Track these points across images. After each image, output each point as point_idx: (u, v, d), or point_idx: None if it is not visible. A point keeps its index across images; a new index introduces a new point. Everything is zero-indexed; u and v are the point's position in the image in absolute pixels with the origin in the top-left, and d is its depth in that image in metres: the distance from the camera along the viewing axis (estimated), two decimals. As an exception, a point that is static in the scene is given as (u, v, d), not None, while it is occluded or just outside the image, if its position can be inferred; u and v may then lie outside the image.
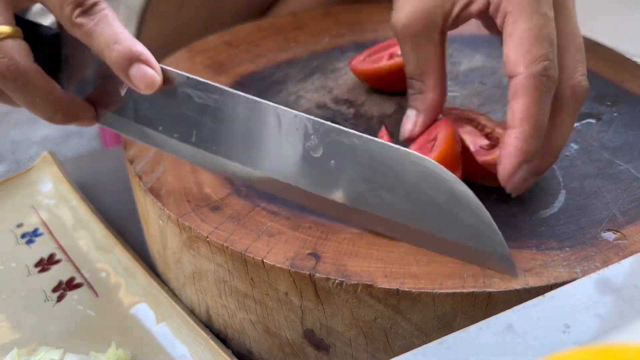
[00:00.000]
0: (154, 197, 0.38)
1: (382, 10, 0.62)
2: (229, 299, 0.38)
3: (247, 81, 0.51)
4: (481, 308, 0.32)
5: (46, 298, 0.44)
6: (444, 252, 0.33)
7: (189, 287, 0.41)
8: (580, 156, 0.42)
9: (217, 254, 0.36)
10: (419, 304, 0.32)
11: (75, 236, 0.49)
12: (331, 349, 0.36)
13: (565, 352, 0.22)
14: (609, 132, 0.44)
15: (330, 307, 0.34)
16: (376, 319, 0.33)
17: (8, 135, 1.49)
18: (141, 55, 0.35)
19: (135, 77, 0.35)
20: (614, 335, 0.24)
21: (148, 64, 0.35)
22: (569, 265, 0.33)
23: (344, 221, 0.35)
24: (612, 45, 0.55)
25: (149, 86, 0.35)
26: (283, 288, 0.34)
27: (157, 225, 0.40)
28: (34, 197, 0.53)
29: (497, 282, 0.32)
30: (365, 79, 0.49)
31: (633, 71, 0.51)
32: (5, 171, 1.35)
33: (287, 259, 0.34)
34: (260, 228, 0.36)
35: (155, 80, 0.35)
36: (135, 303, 0.43)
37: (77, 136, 1.48)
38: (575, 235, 0.35)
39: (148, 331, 0.41)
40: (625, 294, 0.26)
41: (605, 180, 0.39)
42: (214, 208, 0.37)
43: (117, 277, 0.45)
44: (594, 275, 0.28)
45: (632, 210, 0.37)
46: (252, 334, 0.39)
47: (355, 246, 0.35)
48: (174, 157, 0.41)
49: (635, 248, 0.34)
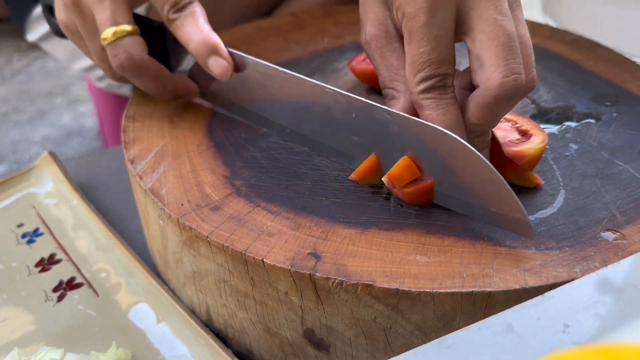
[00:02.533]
0: (154, 197, 0.38)
1: (382, 11, 0.62)
2: (229, 299, 0.38)
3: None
4: (481, 308, 0.32)
5: (47, 298, 0.44)
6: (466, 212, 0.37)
7: (189, 286, 0.41)
8: (580, 156, 0.42)
9: (217, 254, 0.36)
10: (419, 303, 0.32)
11: (76, 236, 0.49)
12: (331, 348, 0.36)
13: (564, 352, 0.22)
14: (608, 132, 0.44)
15: (330, 307, 0.34)
16: (376, 318, 0.33)
17: (8, 136, 1.49)
18: (217, 47, 0.42)
19: (212, 66, 0.42)
20: (613, 335, 0.24)
21: (222, 56, 0.42)
22: (569, 265, 0.33)
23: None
24: (612, 45, 0.55)
25: (223, 74, 0.42)
26: (283, 288, 0.34)
27: (158, 225, 0.40)
28: (34, 197, 0.53)
29: (497, 282, 0.32)
30: (365, 79, 0.49)
31: (633, 71, 0.51)
32: (5, 171, 1.35)
33: (287, 258, 0.34)
34: (261, 228, 0.36)
35: (228, 70, 0.42)
36: (135, 303, 0.43)
37: (78, 136, 1.48)
38: (575, 235, 0.35)
39: (148, 331, 0.42)
40: (624, 294, 0.26)
41: (604, 180, 0.39)
42: (214, 208, 0.38)
43: (118, 277, 0.45)
44: (593, 275, 0.28)
45: (631, 210, 0.37)
46: (252, 334, 0.39)
47: (355, 246, 0.35)
48: (174, 157, 0.42)
49: (635, 248, 0.34)
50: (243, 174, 0.40)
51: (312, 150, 0.42)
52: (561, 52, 0.54)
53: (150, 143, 0.43)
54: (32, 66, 1.81)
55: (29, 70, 1.79)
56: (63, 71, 1.77)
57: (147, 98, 0.48)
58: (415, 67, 0.36)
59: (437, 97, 0.36)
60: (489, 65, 0.35)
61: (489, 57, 0.35)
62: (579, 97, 0.48)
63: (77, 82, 1.72)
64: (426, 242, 0.35)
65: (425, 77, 0.36)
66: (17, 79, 1.75)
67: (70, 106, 1.61)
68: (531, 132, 0.40)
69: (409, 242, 0.35)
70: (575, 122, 0.45)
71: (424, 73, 0.36)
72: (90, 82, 0.99)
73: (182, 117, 0.46)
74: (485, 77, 0.35)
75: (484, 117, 0.36)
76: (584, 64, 0.53)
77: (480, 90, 0.35)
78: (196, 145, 0.43)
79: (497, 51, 0.35)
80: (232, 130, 0.45)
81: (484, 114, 0.36)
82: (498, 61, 0.35)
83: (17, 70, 1.79)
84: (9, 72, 1.79)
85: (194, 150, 0.43)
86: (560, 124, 0.45)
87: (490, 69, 0.35)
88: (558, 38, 0.56)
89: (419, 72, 0.36)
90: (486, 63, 0.35)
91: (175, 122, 0.46)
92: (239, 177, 0.40)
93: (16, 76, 1.77)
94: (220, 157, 0.42)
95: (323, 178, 0.40)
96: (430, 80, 0.36)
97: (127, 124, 0.45)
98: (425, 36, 0.35)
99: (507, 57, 0.35)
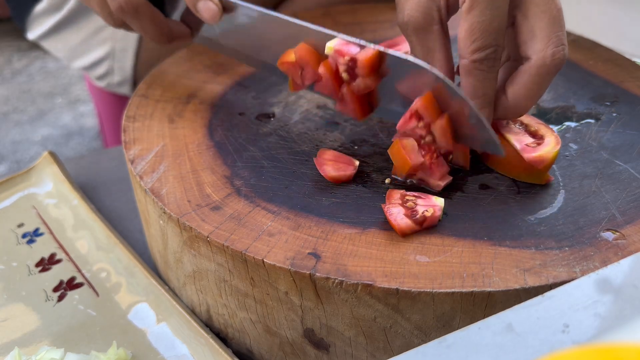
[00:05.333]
0: (154, 197, 0.38)
1: (381, 11, 0.62)
2: (229, 299, 0.38)
3: (247, 81, 0.51)
4: (480, 307, 0.32)
5: (47, 298, 0.44)
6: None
7: (190, 286, 0.41)
8: (580, 156, 0.42)
9: (217, 254, 0.36)
10: (419, 303, 0.32)
11: (76, 236, 0.49)
12: (331, 348, 0.36)
13: (564, 352, 0.22)
14: (608, 132, 0.44)
15: (330, 307, 0.34)
16: (376, 318, 0.33)
17: (9, 136, 1.49)
18: None
19: (201, 10, 0.44)
20: (613, 335, 0.24)
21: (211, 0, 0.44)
22: (568, 264, 0.33)
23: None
24: (612, 45, 0.55)
25: (212, 18, 0.44)
26: (283, 287, 0.34)
27: (158, 225, 0.40)
28: (34, 197, 0.53)
29: (497, 282, 0.32)
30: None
31: (632, 71, 0.51)
32: (6, 171, 1.35)
33: (287, 258, 0.34)
34: (261, 228, 0.36)
35: (217, 13, 0.44)
36: (135, 303, 0.43)
37: (78, 136, 1.48)
38: (575, 235, 0.35)
39: (148, 331, 0.42)
40: (624, 294, 0.26)
41: (604, 180, 0.40)
42: (215, 208, 0.38)
43: (118, 277, 0.45)
44: (593, 274, 0.28)
45: (631, 210, 0.37)
46: (252, 334, 0.39)
47: (355, 246, 0.35)
48: (174, 157, 0.42)
49: (635, 248, 0.34)
50: (243, 174, 0.40)
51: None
52: (561, 52, 0.54)
53: (150, 143, 0.43)
54: (32, 66, 1.81)
55: (29, 70, 1.79)
56: (63, 71, 1.77)
57: (147, 98, 0.49)
58: (474, 34, 0.37)
59: (487, 69, 0.37)
60: (542, 37, 0.37)
61: (541, 29, 0.37)
62: (579, 97, 0.48)
63: (77, 82, 1.72)
64: (426, 242, 0.35)
65: (482, 46, 0.37)
66: (17, 79, 1.75)
67: (71, 106, 1.61)
68: (540, 132, 0.40)
69: (409, 242, 0.35)
70: (575, 122, 0.46)
71: (481, 41, 0.37)
72: (91, 82, 0.99)
73: (182, 117, 0.46)
74: (539, 47, 0.37)
75: (535, 88, 0.38)
76: (583, 64, 0.53)
77: (534, 61, 0.37)
78: (196, 145, 0.43)
79: (549, 23, 0.37)
80: (232, 130, 0.45)
81: (536, 84, 0.38)
82: (550, 33, 0.37)
83: (17, 70, 1.79)
84: (9, 72, 1.79)
85: (194, 150, 0.43)
86: (560, 124, 0.45)
87: (544, 40, 0.37)
88: (558, 38, 0.56)
89: (477, 40, 0.37)
90: (539, 35, 0.37)
91: (175, 122, 0.46)
92: (239, 177, 0.40)
93: (16, 76, 1.77)
94: (220, 157, 0.42)
95: (323, 178, 0.40)
96: (486, 51, 0.37)
97: (127, 124, 0.45)
98: (489, 4, 0.36)
99: (557, 29, 0.37)
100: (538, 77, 0.37)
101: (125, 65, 0.81)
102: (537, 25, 0.37)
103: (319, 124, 0.46)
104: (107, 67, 0.82)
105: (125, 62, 0.81)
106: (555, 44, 0.37)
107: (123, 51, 0.80)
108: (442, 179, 0.39)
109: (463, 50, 0.37)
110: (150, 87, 0.50)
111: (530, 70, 0.37)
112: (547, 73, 0.37)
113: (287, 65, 0.42)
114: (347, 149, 0.43)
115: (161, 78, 0.51)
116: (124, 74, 0.82)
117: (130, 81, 0.83)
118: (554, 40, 0.37)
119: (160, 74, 0.52)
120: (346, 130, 0.45)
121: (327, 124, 0.46)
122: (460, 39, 0.37)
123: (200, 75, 0.52)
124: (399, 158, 0.39)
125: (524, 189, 0.39)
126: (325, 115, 0.47)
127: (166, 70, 0.52)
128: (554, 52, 0.37)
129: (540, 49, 0.37)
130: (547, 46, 0.37)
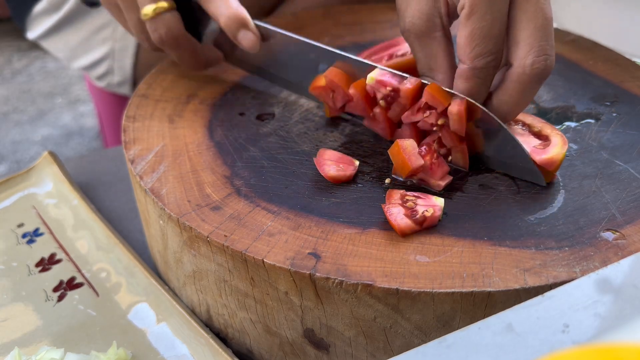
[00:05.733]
0: (154, 197, 0.38)
1: (382, 11, 0.62)
2: (229, 299, 0.38)
3: (249, 81, 0.51)
4: (480, 307, 0.32)
5: (47, 298, 0.44)
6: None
7: (190, 286, 0.41)
8: (580, 156, 0.42)
9: (217, 254, 0.36)
10: (419, 303, 0.32)
11: (76, 236, 0.49)
12: (331, 348, 0.36)
13: (564, 352, 0.22)
14: (608, 132, 0.44)
15: (330, 307, 0.34)
16: (376, 318, 0.33)
17: (9, 136, 1.49)
18: (246, 22, 0.45)
19: (242, 40, 0.46)
20: (613, 335, 0.24)
21: (251, 30, 0.46)
22: (568, 264, 0.33)
23: None
24: (612, 45, 0.55)
25: (252, 47, 0.46)
26: (283, 287, 0.34)
27: (158, 225, 0.40)
28: (34, 197, 0.53)
29: (497, 282, 0.32)
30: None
31: (632, 71, 0.51)
32: (5, 171, 1.35)
33: (287, 258, 0.34)
34: (261, 228, 0.36)
35: (256, 43, 0.46)
36: (135, 303, 0.43)
37: (78, 136, 1.48)
38: (575, 235, 0.35)
39: (148, 331, 0.42)
40: (624, 294, 0.26)
41: (604, 180, 0.40)
42: (215, 208, 0.38)
43: (118, 277, 0.45)
44: (593, 275, 0.28)
45: (631, 210, 0.37)
46: (252, 334, 0.39)
47: (355, 246, 0.35)
48: (174, 157, 0.42)
49: (635, 248, 0.34)
50: (243, 174, 0.40)
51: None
52: (561, 52, 0.54)
53: (150, 143, 0.43)
54: (32, 66, 1.81)
55: (29, 70, 1.79)
56: (63, 71, 1.77)
57: (147, 98, 0.48)
58: (474, 40, 0.37)
59: (485, 76, 0.38)
60: (523, 46, 0.37)
61: (524, 38, 0.37)
62: (579, 97, 0.48)
63: (77, 82, 1.72)
64: (426, 242, 0.35)
65: (483, 52, 0.37)
66: (17, 79, 1.75)
67: (71, 106, 1.61)
68: (545, 132, 0.40)
69: (409, 242, 0.35)
70: (575, 122, 0.46)
71: (482, 48, 0.37)
72: (91, 82, 0.99)
73: (182, 117, 0.46)
74: (520, 55, 0.37)
75: (516, 95, 0.38)
76: (583, 64, 0.53)
77: (514, 68, 0.37)
78: (196, 145, 0.43)
79: (533, 32, 0.37)
80: (232, 130, 0.45)
81: (516, 92, 0.38)
82: (533, 42, 0.36)
83: (17, 70, 1.79)
84: (9, 72, 1.79)
85: (194, 150, 0.43)
86: (560, 124, 0.45)
87: (525, 48, 0.37)
88: (558, 38, 0.56)
89: (478, 46, 0.37)
90: (521, 43, 0.37)
91: (175, 122, 0.46)
92: (239, 177, 0.40)
93: (16, 76, 1.77)
94: (220, 157, 0.42)
95: (323, 178, 0.40)
96: (487, 58, 0.37)
97: (127, 124, 0.45)
98: (488, 10, 0.36)
99: (541, 39, 0.37)
100: (519, 84, 0.37)
101: (125, 65, 0.81)
102: (521, 33, 0.37)
103: (319, 124, 0.46)
104: (107, 67, 0.82)
105: (125, 62, 0.81)
106: (536, 53, 0.36)
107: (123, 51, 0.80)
108: (443, 179, 0.39)
109: (463, 56, 0.37)
110: (150, 87, 0.50)
111: (512, 77, 0.37)
112: (528, 81, 0.37)
113: (318, 89, 0.44)
114: (347, 149, 0.43)
115: (161, 78, 0.51)
116: (123, 74, 0.82)
117: (130, 81, 0.83)
118: (536, 50, 0.36)
119: (160, 74, 0.52)
120: (346, 130, 0.45)
121: (327, 124, 0.46)
122: (460, 44, 0.37)
123: (200, 75, 0.52)
124: (399, 160, 0.39)
125: (524, 189, 0.39)
126: (326, 115, 0.47)
127: (166, 70, 0.52)
128: (534, 61, 0.36)
129: (521, 56, 0.37)
130: (527, 55, 0.37)
